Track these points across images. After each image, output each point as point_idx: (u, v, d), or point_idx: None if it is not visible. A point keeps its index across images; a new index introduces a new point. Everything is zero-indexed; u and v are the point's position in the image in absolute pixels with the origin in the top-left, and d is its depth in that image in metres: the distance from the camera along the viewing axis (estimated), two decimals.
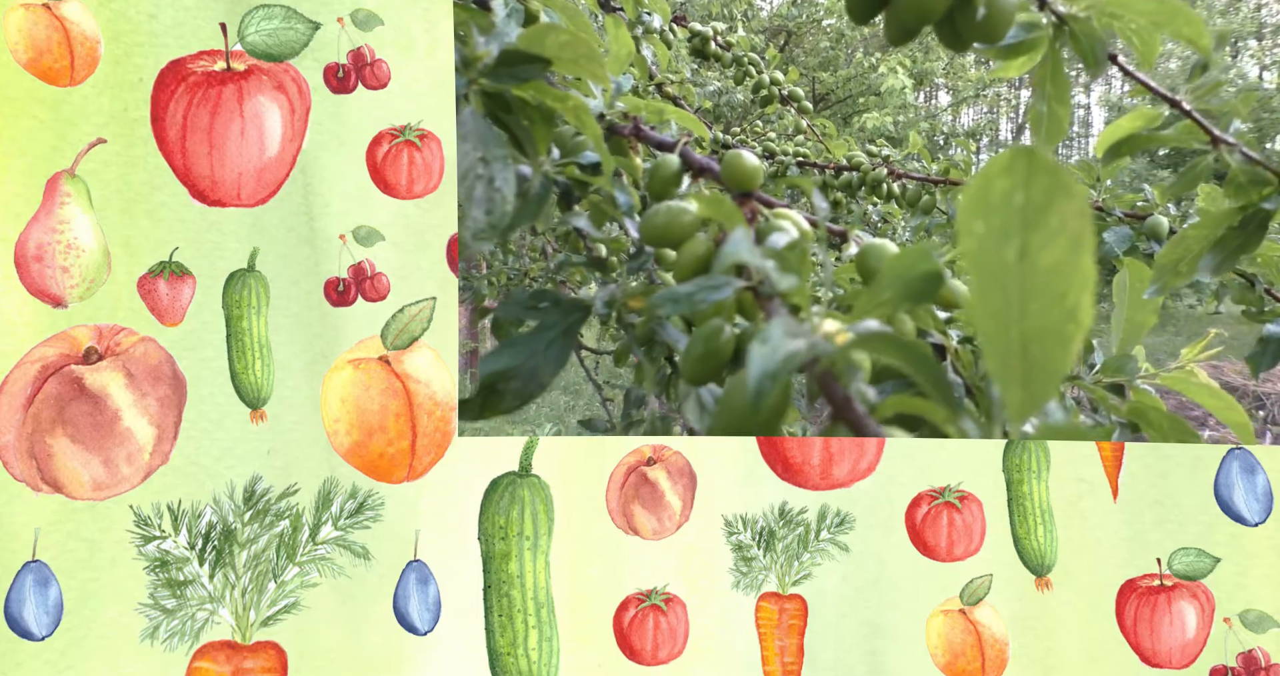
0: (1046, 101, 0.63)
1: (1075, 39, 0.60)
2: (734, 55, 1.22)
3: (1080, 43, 0.60)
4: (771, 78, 1.23)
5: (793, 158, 1.22)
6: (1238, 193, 0.73)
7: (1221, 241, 0.74)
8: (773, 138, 1.26)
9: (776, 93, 1.23)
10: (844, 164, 1.20)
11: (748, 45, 1.23)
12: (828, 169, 1.21)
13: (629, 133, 0.72)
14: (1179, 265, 0.74)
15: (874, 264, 0.59)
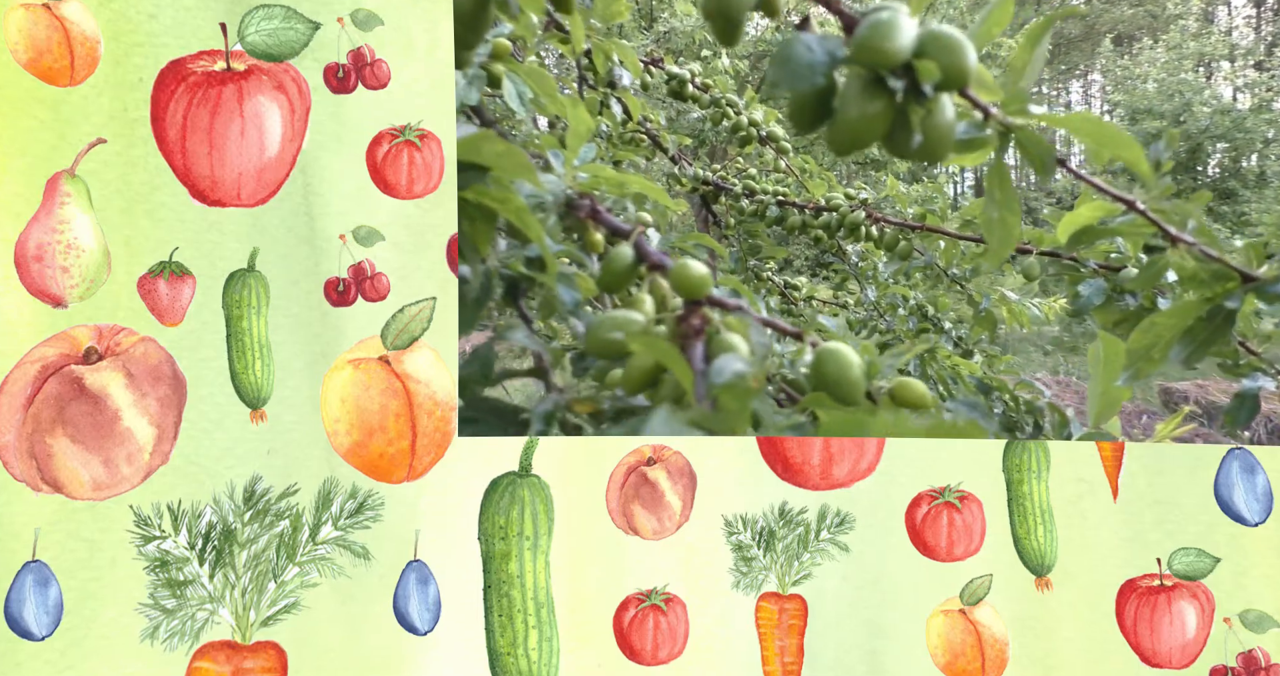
0: (997, 208, 0.62)
1: (1022, 146, 0.60)
2: (712, 97, 1.23)
3: (1028, 150, 0.60)
4: (750, 118, 1.23)
5: (772, 196, 1.22)
6: (1200, 287, 0.74)
7: (1190, 332, 0.74)
8: (753, 174, 1.27)
9: (755, 133, 1.24)
10: (823, 204, 1.20)
11: (725, 87, 1.23)
12: (807, 208, 1.21)
13: (585, 215, 0.72)
14: (1151, 351, 0.75)
15: (831, 373, 0.59)
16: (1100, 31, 1.61)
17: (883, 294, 1.25)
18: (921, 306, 1.24)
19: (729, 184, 1.25)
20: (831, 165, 1.37)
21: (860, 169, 1.44)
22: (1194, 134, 1.52)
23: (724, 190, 1.25)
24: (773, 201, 1.21)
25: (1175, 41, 1.54)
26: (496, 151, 0.63)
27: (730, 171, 1.28)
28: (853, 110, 0.55)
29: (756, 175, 1.26)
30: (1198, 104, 1.53)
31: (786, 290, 1.28)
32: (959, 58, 0.55)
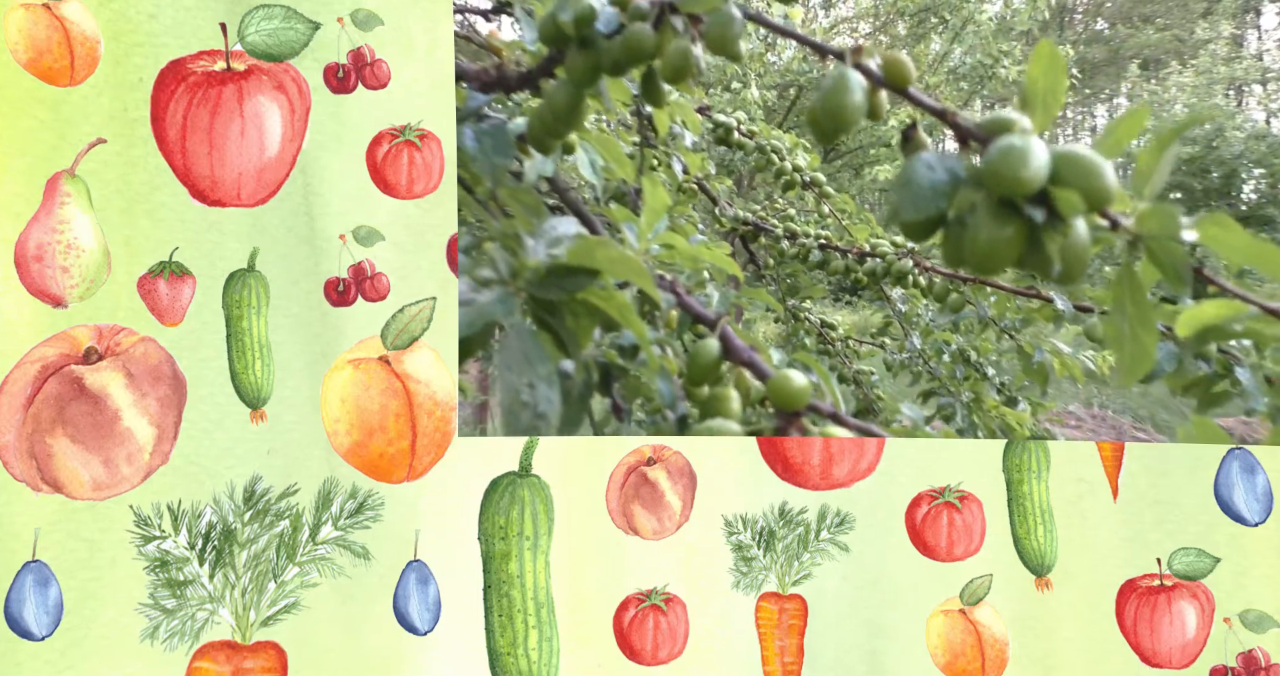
0: (1129, 322, 0.57)
1: (1155, 258, 0.56)
2: (756, 143, 1.22)
3: (1162, 262, 0.56)
4: (794, 164, 1.23)
5: (815, 240, 1.21)
6: None
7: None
8: (792, 215, 1.25)
9: (799, 178, 1.23)
10: (867, 250, 1.19)
11: (769, 133, 1.23)
12: (850, 253, 1.20)
13: (675, 306, 0.74)
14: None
15: None
16: (1126, 56, 1.60)
17: (927, 340, 1.23)
18: (964, 351, 1.22)
19: (769, 225, 1.25)
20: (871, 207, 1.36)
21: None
22: (1228, 159, 1.51)
23: (763, 230, 1.24)
24: (815, 245, 1.21)
25: (1205, 66, 1.53)
26: (610, 257, 0.64)
27: (768, 211, 1.27)
28: (984, 235, 0.53)
29: (795, 216, 1.26)
30: (1230, 129, 1.52)
31: (824, 329, 1.26)
32: (1099, 181, 0.53)
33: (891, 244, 1.18)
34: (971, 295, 1.16)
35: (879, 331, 1.25)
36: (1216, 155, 1.51)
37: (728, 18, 0.64)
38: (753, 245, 1.25)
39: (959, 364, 1.22)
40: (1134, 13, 1.45)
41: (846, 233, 1.22)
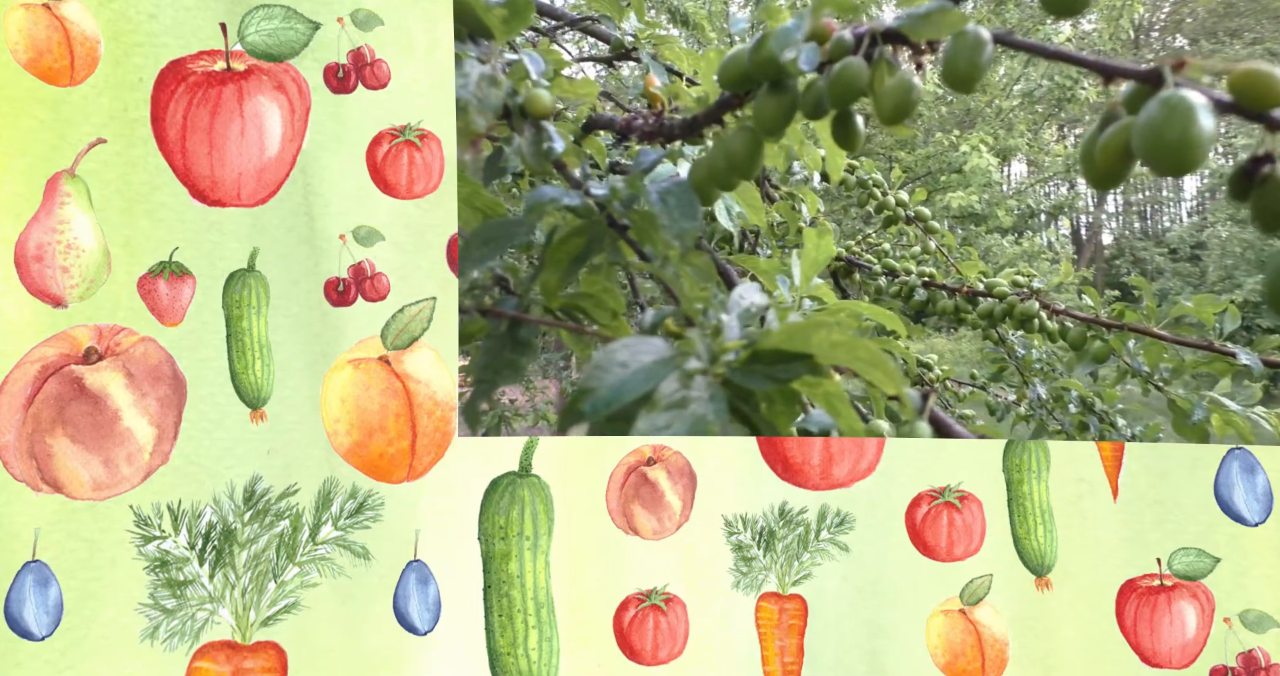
0: None
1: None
2: (858, 178, 1.15)
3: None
4: (897, 199, 1.16)
5: (918, 277, 1.12)
6: None
7: None
8: (887, 250, 1.17)
9: (901, 214, 1.16)
10: (979, 289, 1.09)
11: (871, 167, 1.17)
12: (960, 291, 1.10)
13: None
14: None
15: None
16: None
17: (1054, 391, 1.11)
18: (1086, 399, 1.10)
19: (864, 262, 1.15)
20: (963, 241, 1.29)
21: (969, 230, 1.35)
22: None
23: (857, 266, 1.15)
24: (918, 283, 1.11)
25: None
26: (832, 342, 0.55)
27: (861, 246, 1.19)
28: None
29: (891, 251, 1.17)
30: None
31: (920, 369, 1.16)
32: None
33: (1012, 282, 1.08)
34: (1115, 343, 1.04)
35: (993, 377, 1.14)
36: None
37: (976, 41, 0.52)
38: (844, 281, 1.16)
39: (1087, 414, 1.09)
40: (1219, 27, 1.38)
41: (955, 269, 1.12)
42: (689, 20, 1.19)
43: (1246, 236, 1.45)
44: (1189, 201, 1.61)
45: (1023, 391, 1.13)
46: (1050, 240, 1.49)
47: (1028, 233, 1.38)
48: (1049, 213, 1.59)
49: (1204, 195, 1.60)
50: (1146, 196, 1.62)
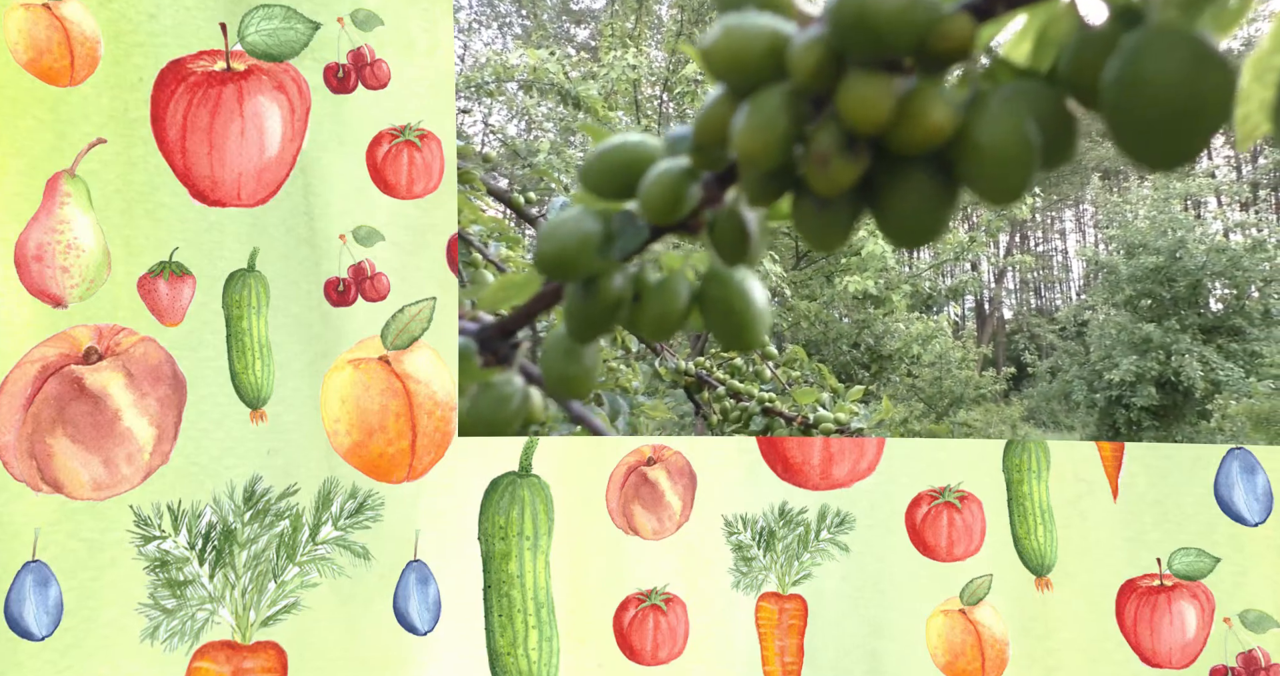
0: None
1: None
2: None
3: None
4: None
5: (758, 404, 1.13)
6: None
7: None
8: (739, 366, 1.17)
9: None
10: (809, 421, 1.10)
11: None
12: (795, 422, 1.11)
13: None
14: None
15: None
16: (1088, 167, 1.63)
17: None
18: None
19: (713, 379, 1.15)
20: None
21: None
22: (1192, 270, 1.54)
23: (707, 383, 1.15)
24: (758, 410, 1.12)
25: (1161, 181, 1.55)
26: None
27: (713, 363, 1.18)
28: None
29: (742, 368, 1.17)
30: (1192, 242, 1.55)
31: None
32: None
33: (835, 420, 1.10)
34: None
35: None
36: (1181, 266, 1.55)
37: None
38: (698, 396, 1.17)
39: None
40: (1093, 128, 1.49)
41: (793, 400, 1.12)
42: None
43: (1120, 319, 1.54)
44: (1078, 281, 1.69)
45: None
46: (955, 315, 1.56)
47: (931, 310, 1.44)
48: (948, 293, 1.65)
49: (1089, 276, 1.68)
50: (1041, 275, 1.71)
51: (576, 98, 1.30)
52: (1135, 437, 1.63)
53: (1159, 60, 0.27)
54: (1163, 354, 1.59)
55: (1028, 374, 1.68)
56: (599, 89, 1.35)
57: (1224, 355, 1.51)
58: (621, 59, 1.36)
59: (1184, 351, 1.54)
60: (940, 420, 1.63)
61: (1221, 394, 1.55)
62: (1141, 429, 1.62)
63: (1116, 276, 1.51)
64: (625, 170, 0.38)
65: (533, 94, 1.32)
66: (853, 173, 0.32)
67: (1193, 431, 1.61)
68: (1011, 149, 0.30)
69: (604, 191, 0.38)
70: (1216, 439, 1.57)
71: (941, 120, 0.30)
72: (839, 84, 0.31)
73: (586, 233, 0.38)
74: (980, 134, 0.30)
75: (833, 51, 0.31)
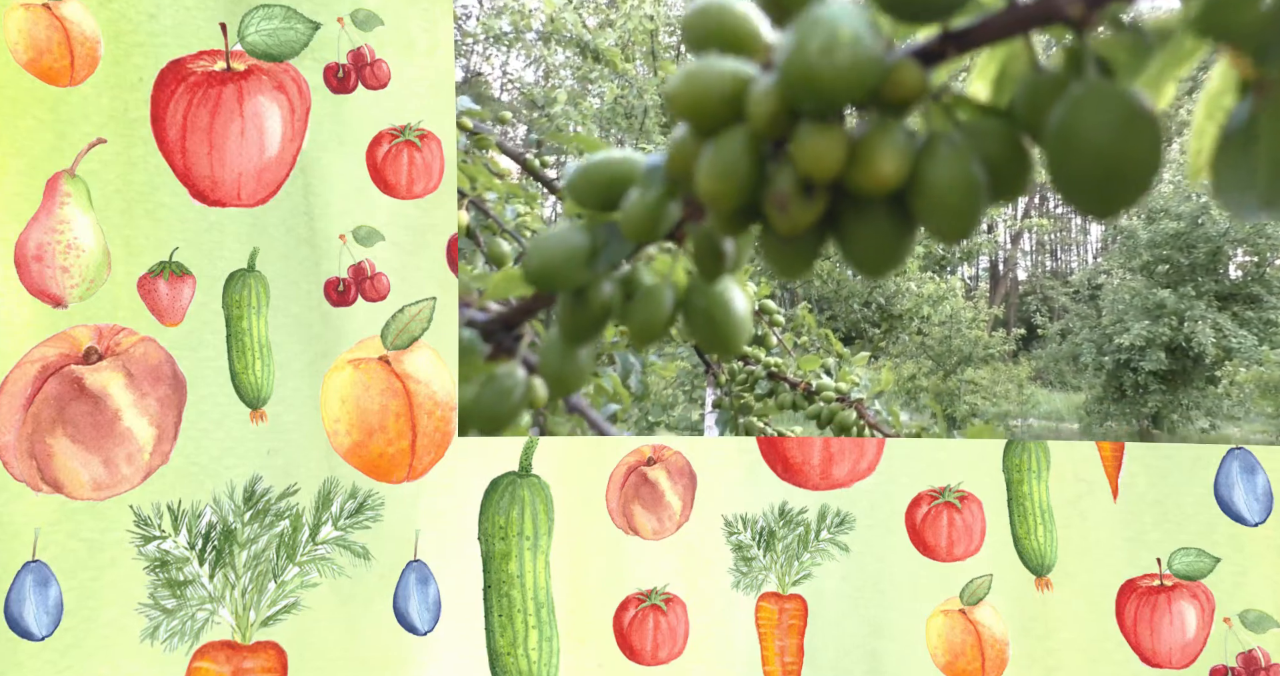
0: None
1: None
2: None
3: None
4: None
5: (764, 369, 1.15)
6: None
7: None
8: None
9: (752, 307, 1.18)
10: (812, 388, 1.12)
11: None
12: (799, 387, 1.13)
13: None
14: None
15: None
16: None
17: None
18: None
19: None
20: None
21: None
22: (1214, 237, 1.53)
23: None
24: (763, 374, 1.14)
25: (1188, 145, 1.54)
26: None
27: None
28: None
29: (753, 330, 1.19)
30: (1215, 208, 1.54)
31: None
32: None
33: (836, 389, 1.12)
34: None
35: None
36: (1202, 232, 1.54)
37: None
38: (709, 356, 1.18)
39: None
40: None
41: (797, 366, 1.14)
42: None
43: (1135, 285, 1.54)
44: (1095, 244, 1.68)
45: None
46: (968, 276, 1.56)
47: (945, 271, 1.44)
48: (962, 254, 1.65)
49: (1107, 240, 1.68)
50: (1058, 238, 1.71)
51: (596, 50, 1.30)
52: (1141, 401, 1.62)
53: (1091, 119, 0.29)
54: (1175, 320, 1.58)
55: (1038, 335, 1.67)
56: (615, 39, 1.35)
57: (1238, 322, 1.50)
58: (639, 8, 1.36)
59: (1198, 318, 1.53)
60: (948, 378, 1.63)
61: (1232, 361, 1.54)
62: (1148, 392, 1.61)
63: (1135, 241, 1.50)
64: (609, 186, 0.39)
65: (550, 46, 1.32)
66: (810, 215, 0.33)
67: (1199, 396, 1.60)
68: (958, 196, 0.31)
69: (589, 205, 0.40)
70: (1223, 404, 1.57)
71: (889, 172, 0.31)
72: (793, 132, 0.32)
73: (573, 246, 0.39)
74: (930, 179, 0.31)
75: (786, 102, 0.32)
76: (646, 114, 1.41)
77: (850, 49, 0.29)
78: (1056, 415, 1.67)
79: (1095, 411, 1.64)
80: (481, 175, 0.96)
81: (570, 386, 0.42)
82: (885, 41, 0.31)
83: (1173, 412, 1.58)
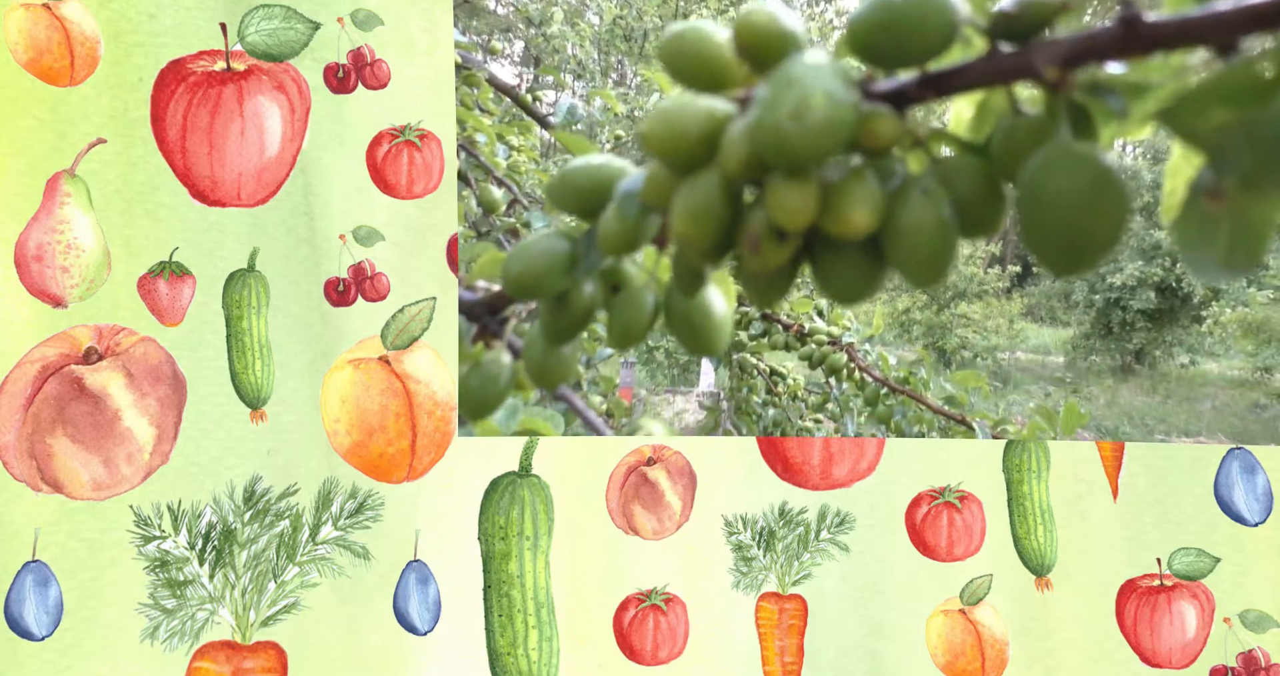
0: None
1: None
2: None
3: None
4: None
5: (758, 308, 1.15)
6: None
7: None
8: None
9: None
10: (805, 330, 1.13)
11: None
12: (791, 329, 1.14)
13: None
14: None
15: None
16: None
17: (861, 429, 1.18)
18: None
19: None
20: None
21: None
22: None
23: None
24: (757, 315, 1.15)
25: None
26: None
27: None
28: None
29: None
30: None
31: (772, 379, 1.21)
32: None
33: (827, 333, 1.13)
34: (900, 406, 1.12)
35: (815, 407, 1.21)
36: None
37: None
38: None
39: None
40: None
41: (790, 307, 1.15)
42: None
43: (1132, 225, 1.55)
44: None
45: (840, 424, 1.20)
46: None
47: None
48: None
49: None
50: None
51: None
52: (1127, 338, 1.63)
53: (1058, 184, 0.29)
54: (1169, 260, 1.60)
55: (1032, 272, 1.68)
56: None
57: None
58: None
59: None
60: (941, 312, 1.64)
61: (1219, 301, 1.55)
62: (1134, 330, 1.63)
63: (1139, 182, 1.50)
64: (589, 193, 0.39)
65: None
66: (783, 256, 0.33)
67: (1183, 333, 1.62)
68: (931, 245, 0.31)
69: (570, 211, 0.40)
70: (1205, 342, 1.58)
71: (860, 223, 0.31)
72: (766, 178, 0.32)
73: (553, 253, 0.39)
74: (902, 228, 0.32)
75: (757, 157, 0.31)
76: (646, 37, 1.40)
77: (822, 111, 0.29)
78: (1044, 349, 1.70)
79: (1081, 346, 1.67)
80: (469, 118, 0.96)
81: (555, 380, 0.43)
82: (863, 81, 0.31)
83: (1155, 349, 1.61)
